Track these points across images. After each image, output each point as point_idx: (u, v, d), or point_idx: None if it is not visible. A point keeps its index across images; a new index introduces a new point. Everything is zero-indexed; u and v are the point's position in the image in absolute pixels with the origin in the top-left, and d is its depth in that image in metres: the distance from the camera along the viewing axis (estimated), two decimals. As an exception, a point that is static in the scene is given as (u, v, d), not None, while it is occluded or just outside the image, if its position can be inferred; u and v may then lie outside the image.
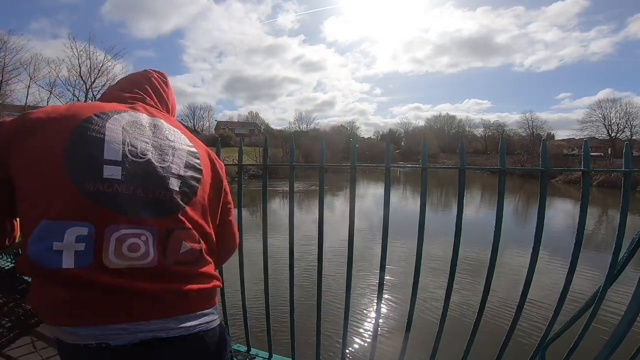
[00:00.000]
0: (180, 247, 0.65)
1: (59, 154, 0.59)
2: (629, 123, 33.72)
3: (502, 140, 1.19)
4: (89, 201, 0.58)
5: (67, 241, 0.55)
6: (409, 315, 1.34)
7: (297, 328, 1.56)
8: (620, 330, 1.10)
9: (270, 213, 5.50)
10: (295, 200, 1.49)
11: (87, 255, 0.56)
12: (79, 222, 0.57)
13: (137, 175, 0.63)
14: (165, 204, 0.65)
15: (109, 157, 0.62)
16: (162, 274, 0.62)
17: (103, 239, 0.57)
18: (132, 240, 0.59)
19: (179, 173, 0.69)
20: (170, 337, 0.60)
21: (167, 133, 0.74)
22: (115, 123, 0.67)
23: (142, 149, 0.66)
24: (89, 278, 0.56)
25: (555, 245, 6.25)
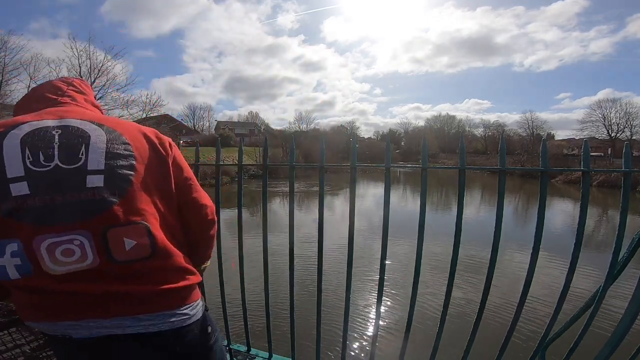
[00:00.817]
0: (124, 245, 0.64)
1: None
2: (629, 123, 33.72)
3: (502, 140, 1.19)
4: (10, 219, 0.61)
5: (6, 256, 0.61)
6: (409, 315, 1.34)
7: (297, 328, 1.56)
8: (620, 330, 1.10)
9: (271, 213, 5.52)
10: (295, 201, 1.49)
11: (26, 267, 0.61)
12: (8, 239, 0.61)
13: (48, 184, 0.62)
14: (89, 204, 0.64)
15: (12, 174, 0.62)
16: (110, 275, 0.63)
17: (33, 250, 0.61)
18: (64, 247, 0.61)
19: (97, 167, 0.66)
20: (125, 334, 0.63)
21: (76, 131, 0.69)
22: (12, 138, 0.65)
23: (46, 156, 0.64)
24: (36, 285, 0.62)
25: (556, 245, 6.25)
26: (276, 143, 27.99)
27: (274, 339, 1.62)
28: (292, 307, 1.53)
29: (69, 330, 0.63)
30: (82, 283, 0.62)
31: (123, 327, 0.64)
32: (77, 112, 0.76)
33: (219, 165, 1.54)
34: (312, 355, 1.57)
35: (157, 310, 0.66)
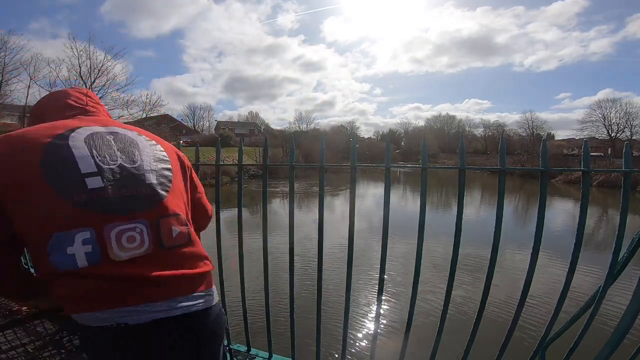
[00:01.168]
0: (172, 232, 0.75)
1: (42, 184, 0.67)
2: (629, 123, 33.69)
3: (502, 140, 1.19)
4: (84, 210, 0.67)
5: (76, 245, 0.66)
6: (409, 315, 1.34)
7: (297, 328, 1.56)
8: (620, 330, 1.10)
9: (271, 213, 5.51)
10: (295, 201, 1.49)
11: (95, 254, 0.66)
12: (82, 228, 0.67)
13: (116, 179, 0.72)
14: (148, 197, 0.74)
15: (85, 170, 0.70)
16: (161, 260, 0.72)
17: (104, 237, 0.67)
18: (129, 234, 0.69)
19: (151, 168, 0.79)
20: (174, 315, 0.70)
21: (124, 137, 0.81)
22: (76, 139, 0.74)
23: (111, 155, 0.75)
24: (101, 272, 0.66)
25: (556, 245, 6.25)
26: (276, 143, 27.99)
27: (274, 339, 1.62)
28: (292, 307, 1.53)
29: (125, 317, 0.67)
30: (139, 268, 0.69)
31: (171, 309, 0.70)
32: (112, 121, 0.87)
33: (219, 165, 1.54)
34: (312, 355, 1.57)
35: (194, 291, 0.75)
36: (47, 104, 0.89)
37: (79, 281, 0.67)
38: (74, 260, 0.66)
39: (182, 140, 26.34)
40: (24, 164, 0.68)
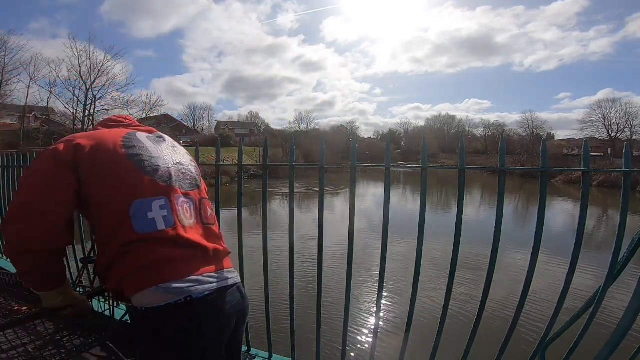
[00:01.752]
0: (208, 212, 0.92)
1: (127, 162, 0.83)
2: (629, 123, 33.69)
3: (502, 140, 1.19)
4: (159, 183, 0.83)
5: (155, 210, 0.79)
6: (409, 315, 1.34)
7: (297, 328, 1.56)
8: (620, 330, 1.10)
9: (271, 213, 5.51)
10: (295, 200, 1.49)
11: (170, 218, 0.80)
12: (157, 197, 0.81)
13: (171, 163, 0.90)
14: (194, 181, 0.94)
15: (154, 154, 0.88)
16: (204, 233, 0.87)
17: (174, 205, 0.83)
18: (186, 206, 0.86)
19: (190, 165, 0.98)
20: (229, 285, 0.84)
21: (166, 143, 0.98)
22: (141, 135, 0.93)
23: (164, 149, 0.94)
24: (176, 235, 0.79)
25: (556, 245, 6.25)
26: (276, 143, 27.99)
27: (274, 339, 1.62)
28: (292, 307, 1.53)
29: (190, 287, 0.76)
30: (198, 237, 0.83)
31: (224, 279, 0.83)
32: (154, 130, 1.02)
33: (219, 165, 1.54)
34: (312, 355, 1.57)
35: (230, 266, 0.90)
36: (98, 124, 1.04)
37: (156, 247, 0.77)
38: (154, 223, 0.78)
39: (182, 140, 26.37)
40: (109, 149, 0.83)
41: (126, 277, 0.77)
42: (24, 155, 2.46)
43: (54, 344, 1.13)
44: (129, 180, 0.81)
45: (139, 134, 0.93)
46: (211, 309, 0.78)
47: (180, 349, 0.76)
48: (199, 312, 0.76)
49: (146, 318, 0.76)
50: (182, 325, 0.76)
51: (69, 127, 20.81)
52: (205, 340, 0.78)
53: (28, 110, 22.35)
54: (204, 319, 0.77)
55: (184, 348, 0.76)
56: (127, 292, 0.77)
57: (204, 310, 0.77)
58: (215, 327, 0.80)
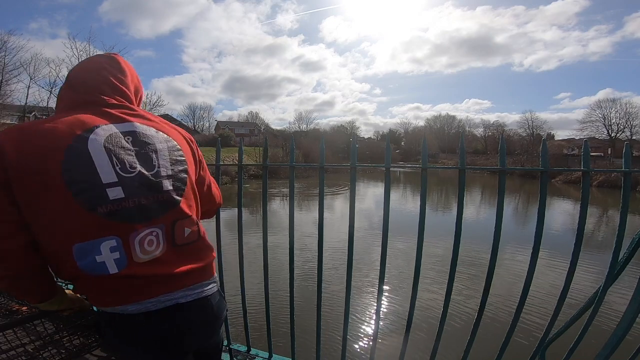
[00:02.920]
0: (184, 232, 0.80)
1: (63, 191, 0.67)
2: (629, 123, 33.72)
3: (502, 140, 1.19)
4: (107, 220, 0.70)
5: (105, 254, 0.70)
6: (409, 315, 1.34)
7: (297, 328, 1.56)
8: (620, 330, 1.10)
9: (270, 213, 5.51)
10: (295, 201, 1.49)
11: (123, 260, 0.72)
12: (107, 237, 0.70)
13: (136, 188, 0.74)
14: (165, 203, 0.78)
15: (106, 180, 0.71)
16: (174, 256, 0.78)
17: (129, 244, 0.72)
18: (148, 238, 0.74)
19: (167, 173, 0.80)
20: (188, 301, 0.79)
21: (143, 138, 0.79)
22: (95, 144, 0.72)
23: (130, 163, 0.75)
24: (128, 274, 0.72)
25: (556, 245, 6.25)
26: (276, 143, 27.98)
27: (274, 339, 1.62)
28: (292, 307, 1.53)
29: (149, 306, 0.74)
30: (157, 268, 0.75)
31: (186, 297, 0.79)
32: (132, 115, 0.82)
33: (219, 166, 1.54)
34: (312, 355, 1.57)
35: (202, 280, 0.83)
36: (73, 81, 0.83)
37: (107, 282, 0.72)
38: (105, 267, 0.70)
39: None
40: (47, 171, 0.67)
41: (86, 293, 0.78)
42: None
43: (54, 344, 1.12)
44: (71, 219, 0.68)
45: (98, 133, 0.73)
46: (168, 325, 0.77)
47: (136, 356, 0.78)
48: (152, 328, 0.76)
49: (108, 319, 0.77)
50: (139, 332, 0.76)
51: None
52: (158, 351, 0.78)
53: (28, 110, 22.34)
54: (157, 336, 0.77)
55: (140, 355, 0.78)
56: (90, 301, 0.81)
57: (159, 327, 0.76)
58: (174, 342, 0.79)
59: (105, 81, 0.83)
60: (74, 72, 0.84)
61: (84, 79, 0.82)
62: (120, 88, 0.85)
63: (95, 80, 0.82)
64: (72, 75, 0.84)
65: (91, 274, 0.70)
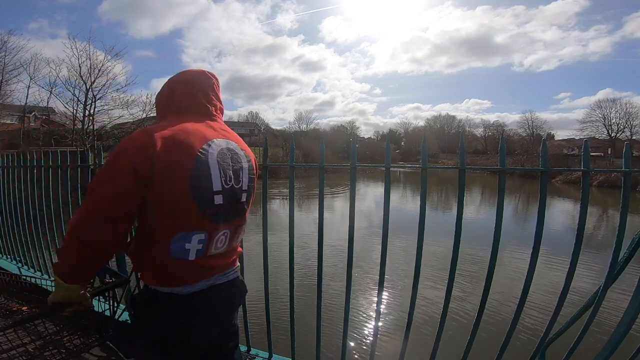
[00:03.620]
0: (240, 234, 1.01)
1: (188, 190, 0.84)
2: (629, 123, 33.70)
3: (502, 140, 1.19)
4: (207, 219, 0.87)
5: (193, 243, 0.87)
6: (409, 315, 1.34)
7: (297, 328, 1.56)
8: (620, 330, 1.10)
9: (271, 213, 5.51)
10: (295, 201, 1.49)
11: (202, 251, 0.88)
12: (200, 231, 0.87)
13: (229, 197, 0.92)
14: (238, 212, 0.96)
15: (216, 188, 0.89)
16: (228, 254, 0.97)
17: (211, 240, 0.90)
18: (221, 238, 0.93)
19: (245, 188, 0.97)
20: (221, 282, 0.95)
21: (237, 157, 0.97)
22: (212, 157, 0.89)
23: (229, 176, 0.93)
24: (200, 263, 0.89)
25: (556, 245, 6.26)
26: (276, 143, 27.98)
27: (274, 339, 1.62)
28: (292, 306, 1.53)
29: (196, 287, 0.89)
30: (216, 260, 0.93)
31: (220, 279, 0.95)
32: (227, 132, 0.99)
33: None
34: (312, 355, 1.57)
35: (233, 266, 1.01)
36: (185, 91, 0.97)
37: (178, 266, 0.86)
38: (187, 253, 0.86)
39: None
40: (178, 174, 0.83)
41: (145, 272, 0.91)
42: (24, 155, 2.46)
43: (54, 344, 1.13)
44: (184, 213, 0.85)
45: (213, 147, 0.91)
46: (209, 301, 0.92)
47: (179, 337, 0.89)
48: (199, 304, 0.90)
49: (155, 298, 0.89)
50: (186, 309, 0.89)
51: (69, 127, 20.80)
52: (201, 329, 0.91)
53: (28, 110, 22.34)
54: (202, 311, 0.91)
55: (183, 337, 0.89)
56: (144, 279, 0.92)
57: (204, 303, 0.91)
58: (210, 316, 0.93)
59: (212, 94, 1.00)
60: (184, 78, 0.98)
61: (201, 84, 0.98)
62: (219, 103, 1.02)
63: (206, 91, 0.98)
64: (184, 81, 0.98)
65: (174, 257, 0.85)
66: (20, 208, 2.51)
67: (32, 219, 2.42)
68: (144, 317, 0.93)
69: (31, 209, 2.40)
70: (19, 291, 1.37)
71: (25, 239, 2.49)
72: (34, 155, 2.41)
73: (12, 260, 2.67)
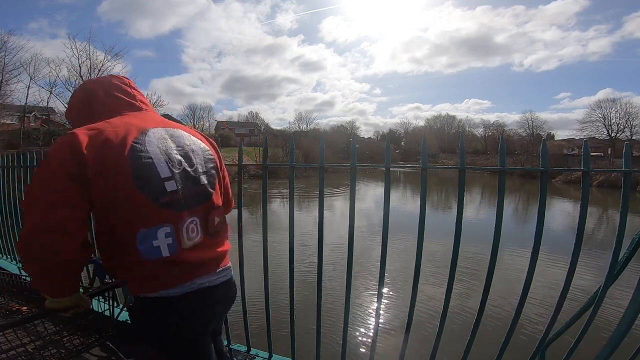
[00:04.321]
0: (215, 221, 0.94)
1: (132, 183, 0.80)
2: (629, 123, 33.70)
3: (502, 140, 1.19)
4: (165, 209, 0.83)
5: (160, 239, 0.82)
6: (409, 315, 1.34)
7: (297, 328, 1.56)
8: (620, 330, 1.10)
9: (270, 213, 5.51)
10: (294, 201, 1.49)
11: (174, 245, 0.83)
12: (163, 224, 0.82)
13: (183, 182, 0.87)
14: (202, 195, 0.91)
15: (164, 175, 0.84)
16: (207, 244, 0.91)
17: (179, 231, 0.84)
18: (191, 227, 0.87)
19: (203, 170, 0.93)
20: (216, 284, 0.92)
21: (183, 140, 0.93)
22: (151, 145, 0.85)
23: (177, 160, 0.88)
24: (176, 259, 0.84)
25: (556, 245, 6.26)
26: (276, 143, 27.99)
27: (274, 339, 1.62)
28: (292, 307, 1.53)
29: (187, 288, 0.85)
30: (196, 252, 0.87)
31: (215, 280, 0.91)
32: (165, 121, 0.97)
33: (219, 165, 1.54)
34: (312, 355, 1.57)
35: (225, 265, 0.96)
36: (96, 93, 0.94)
37: (157, 266, 0.82)
38: (159, 251, 0.82)
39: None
40: (116, 172, 0.79)
41: (130, 280, 0.86)
42: (24, 155, 2.46)
43: (54, 344, 1.13)
44: (136, 206, 0.80)
45: (150, 136, 0.86)
46: (199, 304, 0.89)
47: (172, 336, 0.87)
48: (188, 306, 0.87)
49: (144, 304, 0.86)
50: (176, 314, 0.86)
51: (69, 127, 20.81)
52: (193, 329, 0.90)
53: (28, 110, 22.36)
54: (192, 313, 0.88)
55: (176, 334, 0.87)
56: (130, 289, 0.87)
57: (193, 305, 0.87)
58: (202, 317, 0.91)
59: (132, 90, 0.98)
60: (98, 81, 0.98)
61: (116, 86, 0.96)
62: (144, 97, 1.01)
63: (124, 89, 0.97)
64: (99, 83, 0.97)
65: (147, 258, 0.81)
66: (20, 208, 2.51)
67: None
68: (138, 322, 0.91)
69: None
70: (19, 291, 1.37)
71: (25, 239, 2.48)
72: (34, 155, 2.41)
73: (12, 260, 2.67)
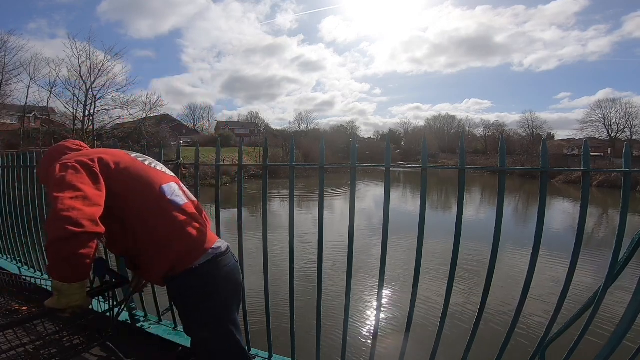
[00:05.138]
0: (186, 192, 1.16)
1: (139, 163, 1.10)
2: (629, 123, 33.67)
3: (502, 140, 1.19)
4: (166, 173, 1.15)
5: (175, 191, 1.08)
6: (409, 315, 1.34)
7: (297, 328, 1.56)
8: (620, 330, 1.10)
9: (270, 213, 5.50)
10: (294, 201, 1.49)
11: (182, 198, 1.09)
12: (170, 182, 1.10)
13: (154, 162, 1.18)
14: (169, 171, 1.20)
15: (150, 157, 1.20)
16: (194, 207, 1.12)
17: (181, 187, 1.14)
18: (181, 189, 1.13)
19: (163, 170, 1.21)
20: (225, 250, 1.10)
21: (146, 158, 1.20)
22: (132, 154, 1.15)
23: (151, 161, 1.18)
24: (189, 209, 1.08)
25: (556, 245, 6.25)
26: (276, 143, 27.98)
27: (274, 339, 1.62)
28: (292, 307, 1.53)
29: (212, 252, 1.06)
30: (192, 208, 1.10)
31: (223, 246, 1.11)
32: None
33: (219, 166, 1.54)
34: (312, 355, 1.57)
35: (217, 239, 1.14)
36: (57, 153, 1.12)
37: (184, 217, 1.04)
38: (177, 200, 1.06)
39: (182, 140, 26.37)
40: (123, 157, 1.07)
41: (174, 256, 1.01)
42: (24, 155, 2.46)
43: (54, 344, 1.12)
44: (150, 173, 1.07)
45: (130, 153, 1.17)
46: (229, 262, 1.09)
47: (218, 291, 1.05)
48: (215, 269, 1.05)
49: (194, 273, 1.02)
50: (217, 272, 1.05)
51: (69, 127, 20.82)
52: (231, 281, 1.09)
53: (28, 110, 22.34)
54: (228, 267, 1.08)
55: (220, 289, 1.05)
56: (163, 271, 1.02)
57: (227, 262, 1.08)
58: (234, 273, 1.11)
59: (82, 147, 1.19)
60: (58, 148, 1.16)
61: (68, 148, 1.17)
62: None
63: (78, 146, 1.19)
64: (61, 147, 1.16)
65: (178, 204, 1.05)
66: (20, 208, 2.51)
67: (32, 219, 2.42)
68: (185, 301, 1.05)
69: (31, 209, 2.40)
70: (19, 291, 1.37)
71: (25, 239, 2.49)
72: (34, 155, 2.41)
73: (12, 260, 2.66)
